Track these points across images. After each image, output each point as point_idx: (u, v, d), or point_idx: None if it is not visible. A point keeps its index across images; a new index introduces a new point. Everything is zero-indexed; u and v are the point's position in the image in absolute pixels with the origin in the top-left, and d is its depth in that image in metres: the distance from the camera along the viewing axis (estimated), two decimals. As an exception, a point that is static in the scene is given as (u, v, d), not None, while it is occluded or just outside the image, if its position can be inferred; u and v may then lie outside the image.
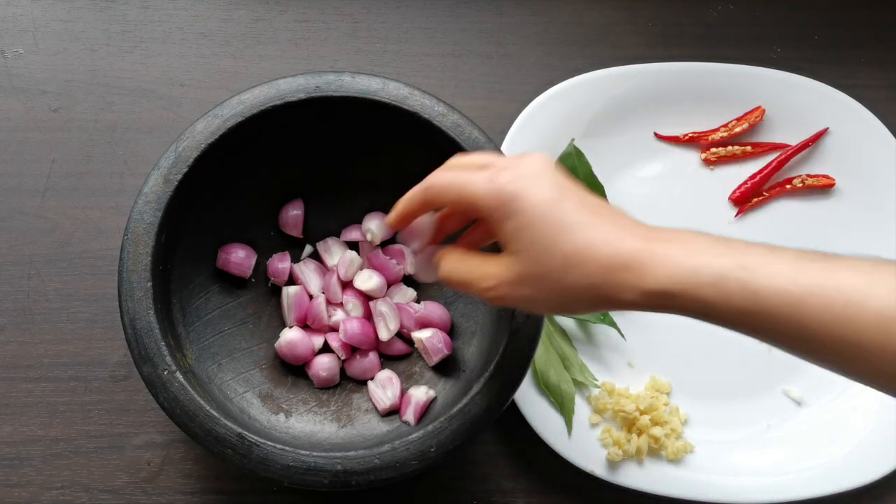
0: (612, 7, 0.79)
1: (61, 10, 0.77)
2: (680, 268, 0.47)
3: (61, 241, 0.71)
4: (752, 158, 0.75)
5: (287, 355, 0.64)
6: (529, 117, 0.73)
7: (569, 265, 0.48)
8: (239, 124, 0.59)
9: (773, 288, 0.46)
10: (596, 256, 0.47)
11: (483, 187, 0.50)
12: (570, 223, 0.48)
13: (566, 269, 0.48)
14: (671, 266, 0.47)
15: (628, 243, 0.47)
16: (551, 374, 0.68)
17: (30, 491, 0.67)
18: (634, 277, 0.47)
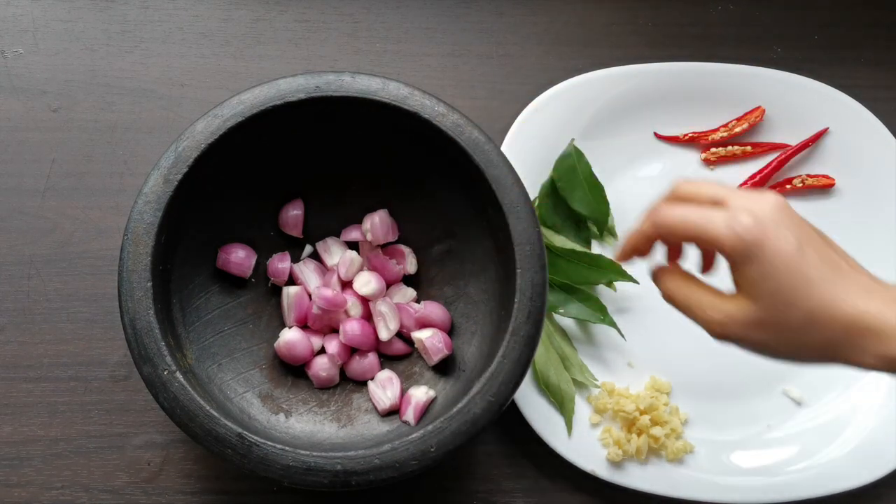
0: (612, 7, 0.79)
1: (61, 10, 0.77)
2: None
3: (61, 241, 0.71)
4: (752, 158, 0.75)
5: (286, 356, 0.64)
6: (529, 117, 0.73)
7: (811, 321, 0.49)
8: (239, 124, 0.59)
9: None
10: (839, 316, 0.48)
11: (724, 231, 0.49)
12: (814, 278, 0.49)
13: (808, 325, 0.49)
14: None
15: (871, 305, 0.48)
16: (551, 374, 0.68)
17: (30, 491, 0.67)
18: (876, 343, 0.48)
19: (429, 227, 0.67)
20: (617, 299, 0.72)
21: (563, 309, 0.69)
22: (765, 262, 0.49)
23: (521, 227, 0.58)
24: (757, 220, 0.49)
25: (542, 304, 0.58)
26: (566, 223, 0.72)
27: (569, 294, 0.70)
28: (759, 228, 0.49)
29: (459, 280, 0.66)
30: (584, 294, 0.69)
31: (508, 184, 0.59)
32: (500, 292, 0.62)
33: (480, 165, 0.59)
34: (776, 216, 0.50)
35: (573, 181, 0.72)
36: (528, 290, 0.57)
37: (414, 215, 0.67)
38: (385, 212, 0.66)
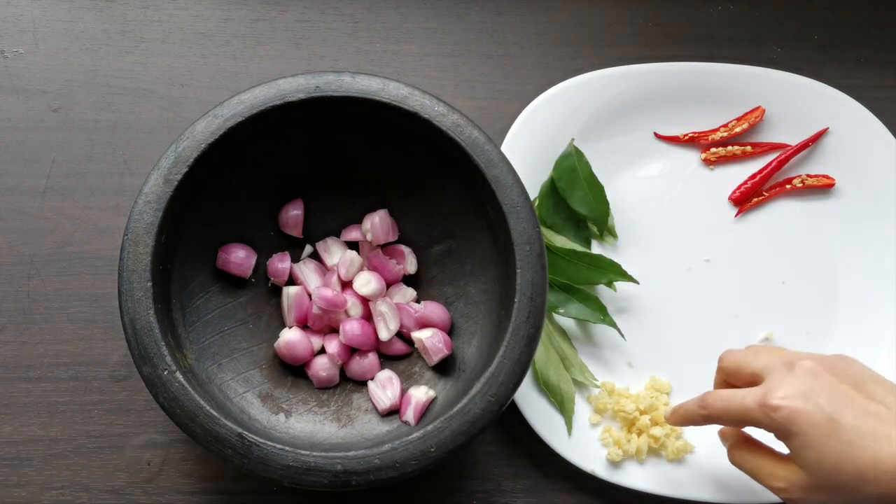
0: (612, 7, 0.79)
1: (61, 10, 0.77)
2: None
3: (61, 241, 0.71)
4: (752, 158, 0.75)
5: (286, 356, 0.64)
6: (529, 117, 0.73)
7: (861, 480, 0.52)
8: (239, 124, 0.59)
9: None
10: (887, 472, 0.52)
11: (758, 416, 0.55)
12: (854, 440, 0.52)
13: (859, 484, 0.52)
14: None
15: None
16: (551, 374, 0.68)
17: (30, 491, 0.67)
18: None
19: (429, 228, 0.67)
20: (617, 299, 0.72)
21: (563, 309, 0.69)
22: (801, 435, 0.53)
23: (521, 227, 0.58)
24: (785, 398, 0.54)
25: (542, 304, 0.58)
26: (566, 223, 0.72)
27: (569, 294, 0.70)
28: (789, 407, 0.53)
29: (459, 280, 0.66)
30: (584, 294, 0.69)
31: (508, 184, 0.59)
32: (500, 292, 0.62)
33: (480, 165, 0.59)
34: (806, 387, 0.54)
35: (573, 181, 0.72)
36: (528, 290, 0.57)
37: (414, 215, 0.67)
38: (385, 212, 0.66)
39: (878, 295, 0.72)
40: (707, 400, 0.58)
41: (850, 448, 0.52)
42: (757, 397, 0.55)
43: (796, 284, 0.73)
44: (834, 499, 0.54)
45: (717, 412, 0.58)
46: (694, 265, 0.73)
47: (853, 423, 0.53)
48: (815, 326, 0.72)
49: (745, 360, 0.58)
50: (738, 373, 0.59)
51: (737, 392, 0.57)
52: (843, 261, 0.73)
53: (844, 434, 0.53)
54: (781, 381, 0.55)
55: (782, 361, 0.56)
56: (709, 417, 0.58)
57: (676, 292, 0.72)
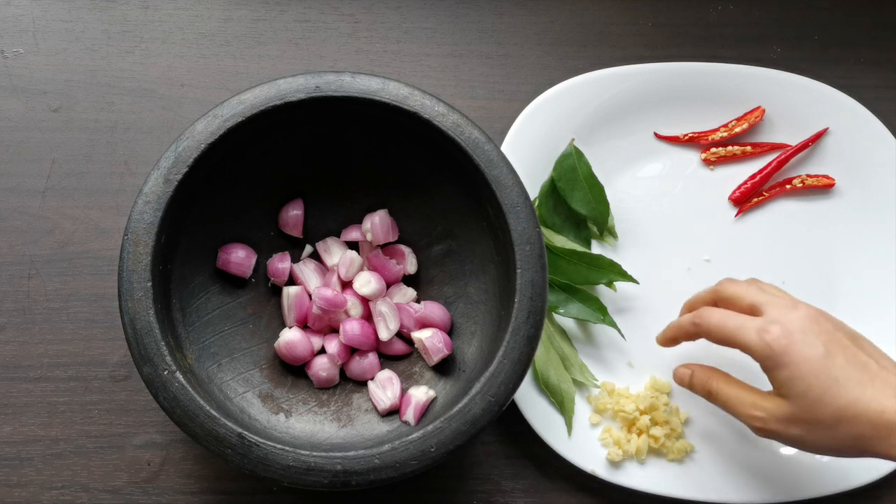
0: (612, 7, 0.79)
1: (61, 10, 0.77)
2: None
3: (61, 241, 0.71)
4: (752, 158, 0.75)
5: (286, 356, 0.64)
6: (529, 117, 0.73)
7: (840, 418, 0.55)
8: (239, 124, 0.59)
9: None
10: (865, 413, 0.54)
11: (754, 340, 0.57)
12: (842, 379, 0.55)
13: (837, 422, 0.55)
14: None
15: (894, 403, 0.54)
16: (551, 374, 0.68)
17: (30, 491, 0.67)
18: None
19: (429, 228, 0.67)
20: (617, 299, 0.72)
21: (563, 309, 0.69)
22: (792, 366, 0.56)
23: (521, 227, 0.58)
24: (785, 330, 0.56)
25: (543, 304, 0.58)
26: (566, 223, 0.72)
27: (569, 294, 0.70)
28: (786, 338, 0.56)
29: (459, 280, 0.66)
30: (585, 294, 0.69)
31: (508, 184, 0.59)
32: (500, 292, 0.62)
33: (480, 165, 0.59)
34: (805, 325, 0.57)
35: (573, 181, 0.72)
36: (528, 290, 0.57)
37: (414, 215, 0.67)
38: (385, 212, 0.66)
39: (878, 295, 0.72)
40: (703, 313, 0.60)
41: (836, 386, 0.55)
42: (757, 324, 0.57)
43: (796, 284, 0.73)
44: (809, 433, 0.56)
45: (712, 327, 0.59)
46: (694, 265, 0.73)
47: (843, 365, 0.55)
48: (815, 326, 0.72)
49: (748, 292, 0.60)
50: (737, 301, 0.60)
51: (736, 315, 0.59)
52: (843, 261, 0.73)
53: (833, 371, 0.55)
54: (783, 315, 0.57)
55: (786, 301, 0.59)
56: (700, 332, 0.60)
57: (676, 292, 0.72)
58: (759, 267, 0.73)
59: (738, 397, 0.60)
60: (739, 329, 0.58)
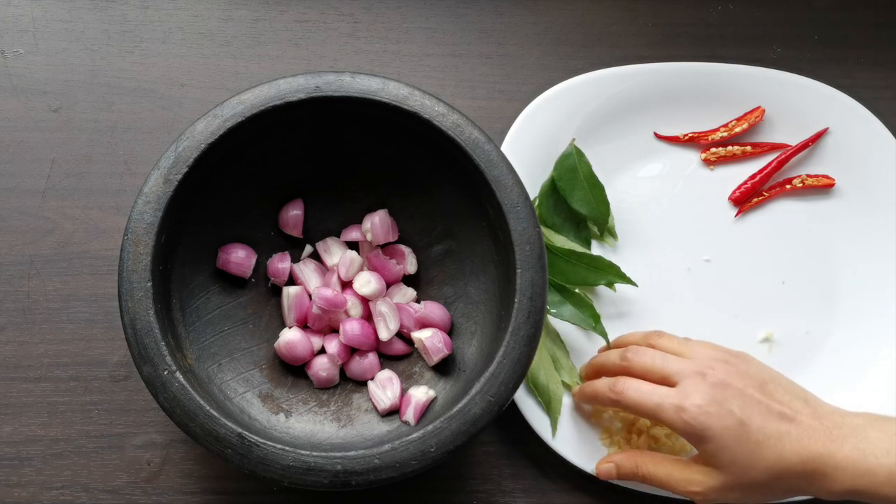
0: (612, 7, 0.79)
1: (61, 10, 0.77)
2: (858, 471, 0.56)
3: (61, 241, 0.71)
4: (752, 158, 0.75)
5: (286, 356, 0.64)
6: (529, 117, 0.73)
7: (770, 477, 0.58)
8: (239, 124, 0.59)
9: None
10: (790, 468, 0.57)
11: (673, 420, 0.58)
12: (761, 441, 0.57)
13: (769, 480, 0.58)
14: (851, 471, 0.56)
15: (813, 448, 0.57)
16: (541, 374, 0.68)
17: (30, 491, 0.67)
18: (824, 483, 0.57)
19: (429, 228, 0.67)
20: (617, 299, 0.72)
21: (556, 311, 0.69)
22: (714, 440, 0.58)
23: (521, 227, 0.58)
24: (700, 405, 0.58)
25: (542, 305, 0.58)
26: (566, 223, 0.72)
27: (564, 296, 0.70)
28: (703, 415, 0.58)
29: (459, 280, 0.66)
30: (579, 298, 0.69)
31: (508, 184, 0.59)
32: (500, 292, 0.62)
33: (480, 165, 0.59)
34: (717, 395, 0.58)
35: (573, 181, 0.72)
36: (528, 291, 0.57)
37: (414, 215, 0.67)
38: (385, 212, 0.66)
39: (877, 294, 0.72)
40: (619, 387, 0.61)
41: (759, 447, 0.57)
42: (673, 401, 0.59)
43: (796, 284, 0.73)
44: (747, 495, 0.59)
45: (631, 402, 0.61)
46: (694, 265, 0.73)
47: (760, 425, 0.58)
48: (815, 326, 0.72)
49: (656, 364, 0.61)
50: (649, 374, 0.61)
51: (653, 389, 0.60)
52: (842, 260, 0.73)
53: (752, 435, 0.57)
54: (695, 388, 0.59)
55: (694, 369, 0.60)
56: (618, 403, 0.61)
57: (676, 292, 0.72)
58: (759, 267, 0.73)
59: (671, 476, 0.61)
60: (658, 408, 0.59)
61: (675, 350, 0.63)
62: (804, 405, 0.60)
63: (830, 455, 0.57)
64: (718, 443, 0.58)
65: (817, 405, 0.60)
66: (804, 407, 0.60)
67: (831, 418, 0.59)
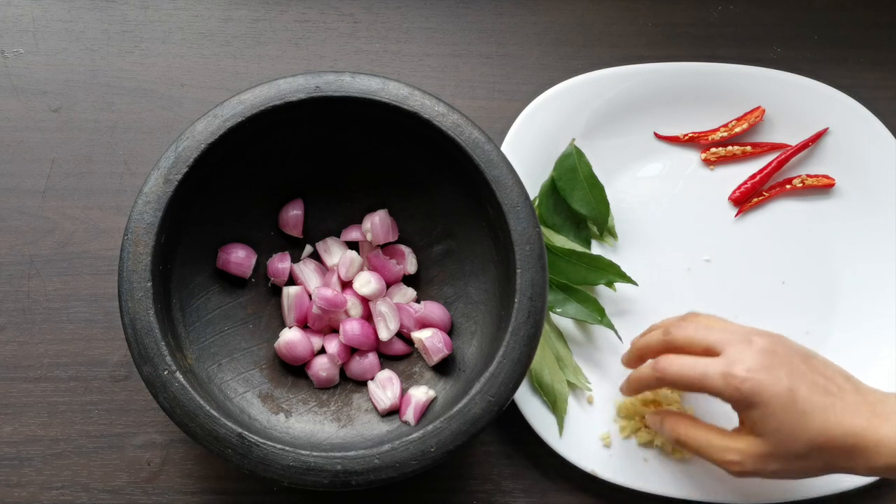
0: (612, 7, 0.79)
1: (61, 10, 0.77)
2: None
3: (61, 241, 0.71)
4: (752, 158, 0.75)
5: (286, 356, 0.64)
6: (529, 117, 0.73)
7: (811, 449, 0.57)
8: (239, 124, 0.59)
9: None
10: (833, 441, 0.56)
11: (721, 386, 0.57)
12: (808, 411, 0.56)
13: (810, 452, 0.57)
14: (892, 448, 0.55)
15: (856, 422, 0.56)
16: (545, 374, 0.68)
17: (30, 491, 0.67)
18: (866, 458, 0.56)
19: (429, 228, 0.67)
20: (617, 299, 0.72)
21: (561, 309, 0.69)
22: (763, 406, 0.56)
23: (521, 227, 0.58)
24: (750, 370, 0.57)
25: (543, 305, 0.58)
26: (566, 223, 0.72)
27: (567, 294, 0.70)
28: (754, 379, 0.57)
29: (459, 280, 0.66)
30: (583, 295, 0.69)
31: (508, 184, 0.59)
32: (500, 292, 0.62)
33: (480, 165, 0.59)
34: (765, 361, 0.57)
35: (573, 181, 0.72)
36: (528, 291, 0.57)
37: (414, 215, 0.67)
38: (385, 212, 0.66)
39: (877, 294, 0.72)
40: (662, 364, 0.60)
41: (804, 418, 0.56)
42: (720, 368, 0.57)
43: (796, 284, 0.73)
44: (786, 466, 0.58)
45: (675, 377, 0.59)
46: (694, 265, 0.73)
47: (806, 395, 0.57)
48: (815, 326, 0.72)
49: (699, 335, 0.60)
50: (691, 346, 0.60)
51: (696, 360, 0.59)
52: (843, 260, 0.73)
53: (800, 404, 0.56)
54: (742, 354, 0.58)
55: (739, 337, 0.59)
56: (663, 381, 0.60)
57: (676, 292, 0.72)
58: (759, 267, 0.73)
59: (710, 442, 0.60)
60: (704, 377, 0.58)
61: (715, 324, 0.62)
62: (846, 381, 0.59)
63: (874, 430, 0.56)
64: (766, 409, 0.56)
65: (858, 383, 0.59)
66: (846, 383, 0.58)
67: (874, 395, 0.58)
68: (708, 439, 0.60)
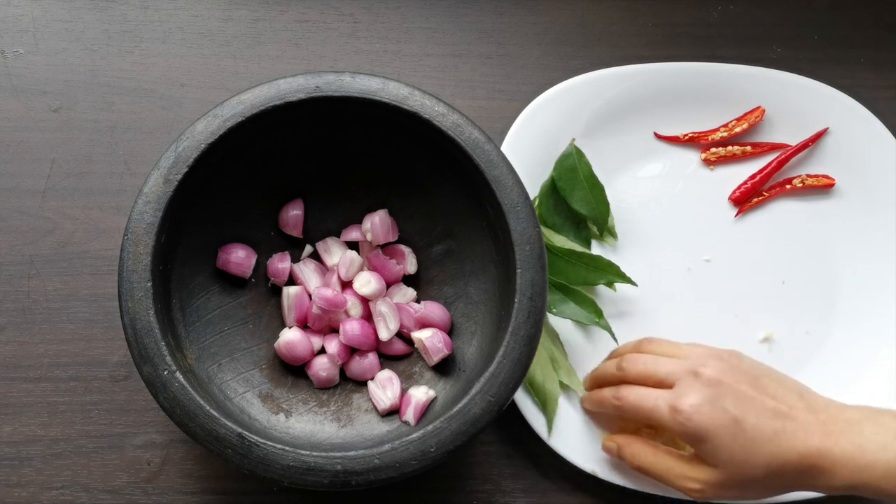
0: (612, 7, 0.79)
1: (61, 10, 0.77)
2: (857, 465, 0.56)
3: (61, 241, 0.71)
4: (752, 158, 0.75)
5: (286, 356, 0.64)
6: (529, 117, 0.73)
7: (767, 474, 0.58)
8: (239, 124, 0.59)
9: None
10: (788, 464, 0.57)
11: (669, 420, 0.59)
12: (758, 438, 0.57)
13: (767, 476, 0.58)
14: (850, 466, 0.56)
15: (810, 443, 0.57)
16: (537, 373, 0.67)
17: (30, 491, 0.67)
18: (824, 479, 0.57)
19: (429, 228, 0.67)
20: (617, 299, 0.72)
21: (558, 309, 0.69)
22: (711, 439, 0.58)
23: (521, 227, 0.58)
24: (693, 405, 0.58)
25: (543, 305, 0.58)
26: (566, 223, 0.72)
27: (564, 294, 0.70)
28: (697, 414, 0.58)
29: (459, 280, 0.66)
30: (580, 295, 0.69)
31: (508, 184, 0.59)
32: (500, 292, 0.62)
33: (480, 165, 0.59)
34: (711, 393, 0.58)
35: (573, 181, 0.72)
36: (528, 291, 0.57)
37: (414, 215, 0.67)
38: (385, 212, 0.66)
39: (877, 294, 0.72)
40: (621, 393, 0.62)
41: (755, 444, 0.57)
42: (669, 402, 0.59)
43: (796, 284, 0.73)
44: (745, 492, 0.59)
45: (630, 406, 0.61)
46: (694, 265, 0.73)
47: (754, 422, 0.58)
48: (815, 326, 0.72)
49: (648, 369, 0.62)
50: (646, 380, 0.62)
51: (650, 393, 0.60)
52: (842, 261, 0.73)
53: (748, 432, 0.57)
54: (689, 388, 0.59)
55: (686, 369, 0.60)
56: (620, 409, 0.62)
57: (676, 292, 0.72)
58: (759, 267, 0.73)
59: (670, 470, 0.61)
60: (655, 410, 0.60)
61: (667, 353, 0.63)
62: (798, 399, 0.59)
63: (828, 450, 0.57)
64: (714, 442, 0.58)
65: (812, 399, 0.60)
66: (799, 401, 0.59)
67: (827, 412, 0.59)
68: (668, 467, 0.61)
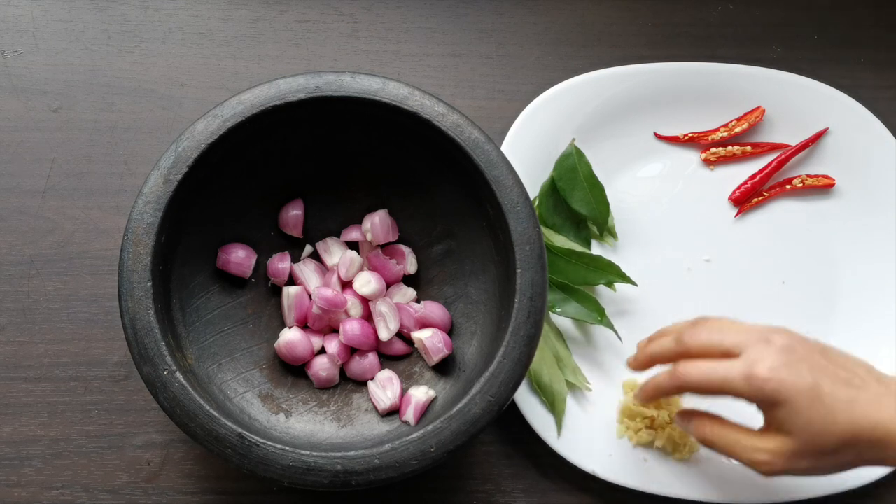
0: (612, 7, 0.79)
1: (61, 10, 0.77)
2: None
3: (61, 241, 0.71)
4: (752, 158, 0.75)
5: (286, 356, 0.64)
6: (529, 117, 0.73)
7: (842, 445, 0.55)
8: (239, 124, 0.59)
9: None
10: (861, 433, 0.55)
11: (744, 387, 0.56)
12: (834, 405, 0.55)
13: (840, 446, 0.56)
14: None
15: (883, 414, 0.55)
16: (544, 373, 0.68)
17: (30, 491, 0.67)
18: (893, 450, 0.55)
19: (429, 228, 0.67)
20: (617, 299, 0.72)
21: (561, 308, 0.69)
22: (789, 404, 0.55)
23: (521, 227, 0.58)
24: (772, 369, 0.55)
25: (543, 305, 0.58)
26: (566, 223, 0.72)
27: (567, 294, 0.70)
28: (776, 378, 0.55)
29: (459, 280, 0.66)
30: (583, 294, 0.69)
31: (508, 184, 0.59)
32: (500, 292, 0.62)
33: (480, 165, 0.59)
34: (787, 358, 0.56)
35: (573, 181, 0.72)
36: (528, 291, 0.57)
37: (414, 215, 0.67)
38: (385, 212, 0.66)
39: (877, 294, 0.72)
40: (681, 371, 0.59)
41: (831, 413, 0.55)
42: (742, 370, 0.56)
43: (796, 284, 0.73)
44: (816, 463, 0.57)
45: (695, 382, 0.58)
46: (694, 265, 0.73)
47: (831, 389, 0.55)
48: (815, 326, 0.72)
49: (714, 339, 0.59)
50: (707, 352, 0.59)
51: (716, 364, 0.57)
52: (843, 260, 0.73)
53: (825, 400, 0.55)
54: (762, 353, 0.56)
55: (756, 337, 0.58)
56: (683, 387, 0.59)
57: (676, 292, 0.72)
58: (759, 267, 0.73)
59: (738, 442, 0.59)
60: (726, 380, 0.57)
61: (728, 327, 0.61)
62: (867, 373, 0.57)
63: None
64: (792, 406, 0.55)
65: (879, 374, 0.58)
66: (868, 375, 0.57)
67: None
68: (736, 439, 0.59)
